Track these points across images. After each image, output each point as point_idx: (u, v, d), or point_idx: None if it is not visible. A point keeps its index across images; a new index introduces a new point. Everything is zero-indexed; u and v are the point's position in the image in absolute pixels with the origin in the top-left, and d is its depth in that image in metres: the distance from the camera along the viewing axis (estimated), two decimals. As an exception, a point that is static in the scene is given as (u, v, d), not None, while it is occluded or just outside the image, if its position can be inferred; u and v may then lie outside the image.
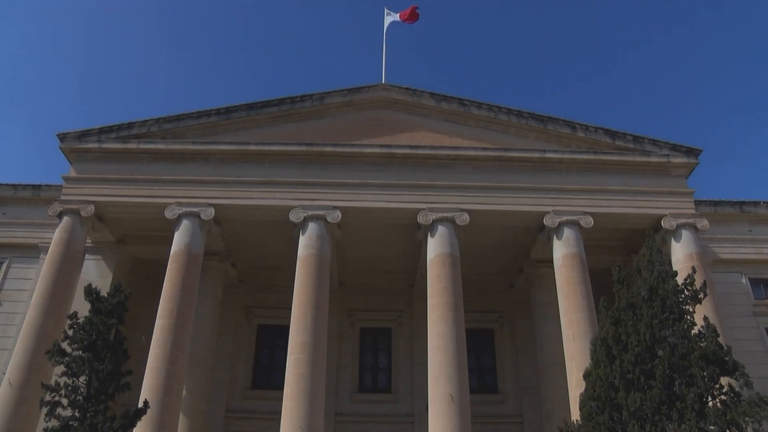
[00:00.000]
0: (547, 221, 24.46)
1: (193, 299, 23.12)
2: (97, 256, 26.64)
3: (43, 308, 22.27)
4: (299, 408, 20.63)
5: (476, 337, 29.42)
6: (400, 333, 30.11)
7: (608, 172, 25.30)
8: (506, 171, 25.39)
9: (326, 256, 23.88)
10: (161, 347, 21.56)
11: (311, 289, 22.80)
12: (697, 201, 26.30)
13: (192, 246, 23.67)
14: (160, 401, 20.44)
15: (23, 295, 26.98)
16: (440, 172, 25.28)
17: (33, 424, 20.31)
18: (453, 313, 22.47)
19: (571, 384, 21.64)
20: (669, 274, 16.65)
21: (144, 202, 24.62)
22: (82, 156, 25.28)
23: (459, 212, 24.37)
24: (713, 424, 14.38)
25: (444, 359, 21.65)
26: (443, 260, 23.59)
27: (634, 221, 25.28)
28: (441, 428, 20.56)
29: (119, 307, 17.11)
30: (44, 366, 20.05)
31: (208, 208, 24.26)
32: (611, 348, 15.94)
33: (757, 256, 29.01)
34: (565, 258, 23.88)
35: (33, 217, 28.46)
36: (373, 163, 25.37)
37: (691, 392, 14.58)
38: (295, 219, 24.22)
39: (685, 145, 25.61)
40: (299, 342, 21.81)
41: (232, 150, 25.18)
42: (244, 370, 29.07)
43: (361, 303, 30.49)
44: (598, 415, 15.36)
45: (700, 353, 14.95)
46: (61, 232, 23.91)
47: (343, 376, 28.85)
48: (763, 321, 27.81)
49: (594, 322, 21.69)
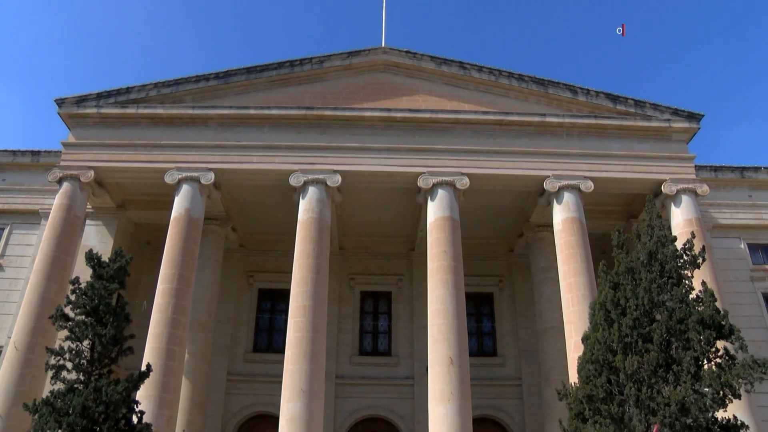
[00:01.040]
0: (547, 185, 24.45)
1: (193, 264, 23.22)
2: (97, 222, 26.67)
3: (45, 274, 22.40)
4: (300, 370, 20.86)
5: (476, 300, 29.68)
6: (400, 296, 30.31)
7: (609, 137, 25.21)
8: (506, 135, 25.28)
9: (326, 220, 23.92)
10: (163, 311, 21.73)
11: (311, 253, 22.88)
12: (697, 166, 26.23)
13: (192, 211, 23.70)
14: (163, 365, 20.69)
15: (25, 260, 27.14)
16: (440, 135, 25.18)
17: (40, 387, 20.58)
18: (453, 277, 22.58)
19: (570, 347, 21.85)
20: (668, 239, 16.70)
21: (143, 167, 24.56)
22: (81, 121, 25.15)
23: (459, 176, 24.34)
24: (708, 386, 14.58)
25: (444, 322, 21.82)
26: (443, 224, 23.64)
27: (635, 186, 25.27)
28: (440, 390, 20.82)
29: (120, 272, 17.17)
30: (48, 330, 20.27)
31: (207, 172, 24.22)
32: (610, 312, 16.06)
33: (756, 221, 29.06)
34: (565, 222, 23.92)
35: (33, 183, 28.52)
36: (372, 126, 25.25)
37: (687, 355, 14.74)
38: (295, 183, 24.20)
39: (687, 110, 25.47)
40: (300, 305, 21.97)
41: (232, 114, 25.06)
42: (245, 334, 29.34)
43: (362, 267, 30.62)
44: (595, 378, 15.53)
45: (698, 317, 15.07)
46: (61, 198, 23.92)
47: (343, 340, 29.13)
48: (760, 286, 28.00)
49: (593, 287, 21.82)
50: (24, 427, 18.61)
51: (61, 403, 15.10)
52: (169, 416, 20.61)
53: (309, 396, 20.50)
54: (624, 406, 14.98)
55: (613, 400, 15.12)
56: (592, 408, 15.33)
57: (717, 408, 14.51)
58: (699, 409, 14.24)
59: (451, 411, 20.37)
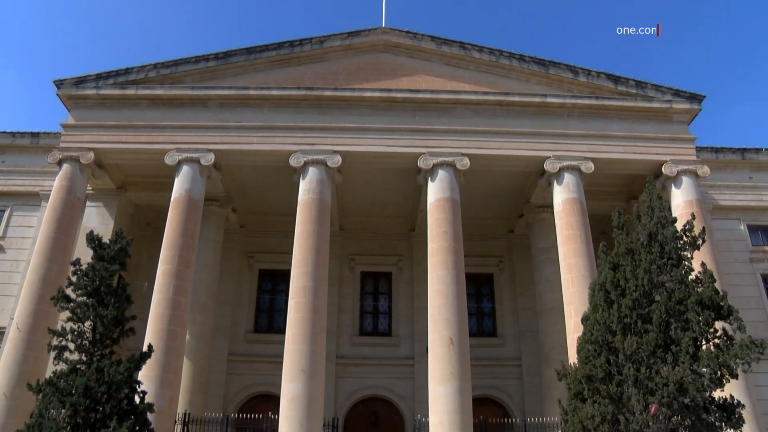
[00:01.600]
0: (548, 166, 24.41)
1: (194, 245, 23.26)
2: (98, 203, 26.68)
3: (46, 255, 22.46)
4: (301, 351, 20.97)
5: (476, 281, 29.76)
6: (401, 277, 30.39)
7: (610, 118, 25.13)
8: (507, 115, 25.21)
9: (327, 200, 23.92)
10: (164, 292, 21.80)
11: (312, 233, 22.91)
12: (698, 147, 26.18)
13: (192, 192, 23.69)
14: (165, 345, 20.79)
15: (26, 242, 27.18)
16: (441, 116, 25.11)
17: (43, 367, 20.73)
18: (453, 257, 22.63)
19: (569, 328, 21.94)
20: (668, 220, 16.73)
21: (143, 148, 24.52)
22: (80, 103, 25.07)
23: (459, 156, 24.30)
24: (706, 366, 14.68)
25: (444, 303, 21.90)
26: (443, 204, 23.64)
27: (635, 167, 25.24)
28: (440, 371, 20.94)
29: (121, 254, 17.23)
30: (50, 311, 20.35)
31: (207, 153, 24.18)
32: (609, 293, 16.12)
33: (756, 203, 29.06)
34: (565, 203, 23.92)
35: (32, 164, 28.46)
36: (373, 107, 25.17)
37: (686, 336, 14.82)
38: (295, 164, 24.18)
39: (688, 91, 25.36)
40: (300, 286, 22.03)
41: (231, 95, 24.97)
42: (246, 314, 29.47)
43: (362, 247, 30.68)
44: (595, 358, 15.62)
45: (697, 298, 15.13)
46: (61, 179, 23.91)
47: (343, 320, 29.25)
48: (759, 267, 28.07)
49: (593, 267, 21.87)
50: (28, 407, 18.78)
51: (64, 383, 15.24)
52: (171, 396, 20.76)
53: (309, 376, 20.62)
54: (623, 386, 15.08)
55: (612, 380, 15.22)
56: (591, 388, 15.44)
57: (714, 388, 14.63)
58: (696, 388, 14.35)
59: (451, 391, 20.50)
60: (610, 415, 14.87)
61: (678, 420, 14.57)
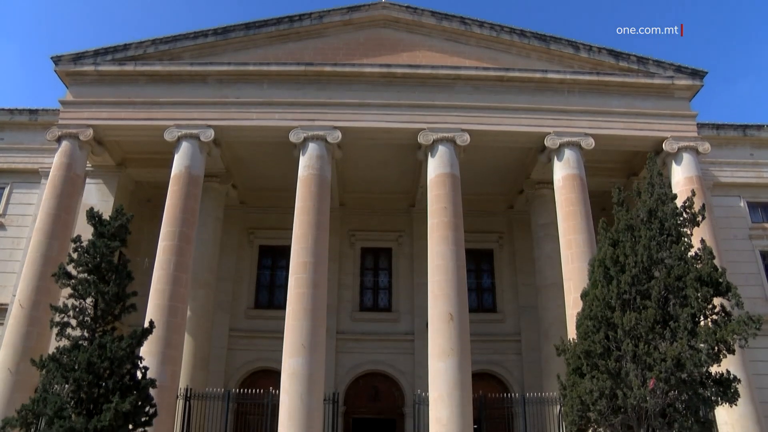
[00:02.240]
0: (548, 142, 24.35)
1: (194, 221, 23.29)
2: (97, 180, 26.67)
3: (47, 232, 22.50)
4: (301, 326, 21.10)
5: (476, 256, 29.81)
6: (401, 253, 30.46)
7: (611, 94, 25.00)
8: (507, 91, 25.09)
9: (327, 176, 23.90)
10: (164, 269, 21.88)
11: (312, 209, 22.92)
12: (699, 124, 26.09)
13: (192, 168, 23.66)
14: (166, 321, 20.92)
15: (26, 219, 27.19)
16: (441, 91, 25.00)
17: (45, 343, 20.89)
18: (453, 233, 22.67)
19: (569, 303, 22.04)
20: (668, 196, 16.72)
21: (143, 124, 24.45)
22: (78, 79, 24.94)
23: (459, 132, 24.23)
24: (703, 342, 14.77)
25: (444, 279, 21.97)
26: (443, 180, 23.63)
27: (636, 143, 25.19)
28: (440, 346, 21.08)
29: (122, 230, 17.22)
30: (52, 288, 20.41)
31: (207, 129, 24.11)
32: (609, 269, 16.16)
33: (757, 180, 29.03)
34: (566, 179, 23.91)
35: (31, 142, 28.35)
36: (372, 82, 25.05)
37: (684, 312, 14.89)
38: (295, 139, 24.12)
39: (690, 67, 25.20)
40: (300, 262, 22.10)
41: (230, 71, 24.83)
42: (247, 290, 29.60)
43: (362, 223, 30.71)
44: (593, 334, 15.70)
45: (696, 275, 15.19)
46: (60, 156, 23.86)
47: (344, 295, 29.38)
48: (758, 244, 28.11)
49: (592, 244, 21.92)
50: (33, 382, 18.94)
51: (67, 358, 15.34)
52: (173, 372, 20.93)
53: (310, 351, 20.77)
54: (621, 361, 15.19)
55: (611, 355, 15.33)
56: (590, 363, 15.55)
57: (711, 363, 14.74)
58: (694, 364, 14.45)
59: (450, 366, 20.67)
60: (608, 390, 15.00)
61: (675, 395, 14.72)
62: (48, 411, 14.79)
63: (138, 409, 15.71)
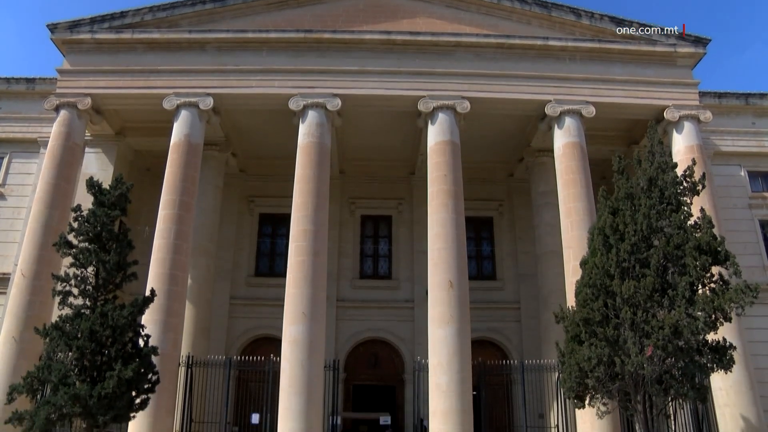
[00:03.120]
0: (549, 110, 24.23)
1: (194, 189, 23.27)
2: (97, 149, 26.61)
3: (47, 202, 22.52)
4: (301, 294, 21.22)
5: (475, 224, 29.84)
6: (401, 220, 30.50)
7: (612, 61, 24.77)
8: (508, 58, 24.88)
9: (326, 144, 23.82)
10: (165, 237, 21.93)
11: (312, 177, 22.89)
12: (701, 92, 25.92)
13: (191, 136, 23.58)
14: (167, 290, 21.02)
15: (26, 189, 27.19)
16: (441, 59, 24.79)
17: (48, 312, 21.02)
18: (453, 201, 22.68)
19: (568, 271, 22.14)
20: (669, 165, 16.74)
21: (141, 93, 24.29)
22: (75, 47, 24.71)
23: (460, 100, 24.10)
24: (701, 310, 14.91)
25: (443, 246, 22.04)
26: (443, 148, 23.56)
27: (637, 112, 25.04)
28: (440, 313, 21.23)
29: (122, 199, 17.25)
30: (53, 257, 20.49)
31: (206, 97, 23.97)
32: (608, 237, 16.25)
33: (758, 149, 28.94)
34: (566, 147, 23.84)
35: (29, 111, 28.20)
36: (372, 49, 24.83)
37: (682, 280, 15.00)
38: (295, 107, 24.00)
39: (693, 35, 24.89)
40: (300, 230, 22.15)
41: (229, 38, 24.60)
42: (247, 258, 29.70)
43: (362, 191, 30.69)
44: (592, 302, 15.84)
45: (695, 243, 15.27)
46: (59, 125, 23.76)
47: (344, 263, 29.49)
48: (758, 213, 28.17)
49: (592, 212, 21.93)
50: (37, 350, 19.11)
51: (70, 327, 15.49)
52: (174, 339, 21.10)
53: (310, 319, 20.92)
54: (619, 329, 15.34)
55: (609, 323, 15.48)
56: (588, 331, 15.71)
57: (708, 331, 14.90)
58: (691, 331, 14.61)
59: (450, 333, 20.82)
60: (606, 357, 15.18)
61: (672, 362, 14.89)
62: (53, 378, 14.99)
63: (140, 377, 15.92)
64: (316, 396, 20.36)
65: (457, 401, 20.05)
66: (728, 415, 21.10)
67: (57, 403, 14.70)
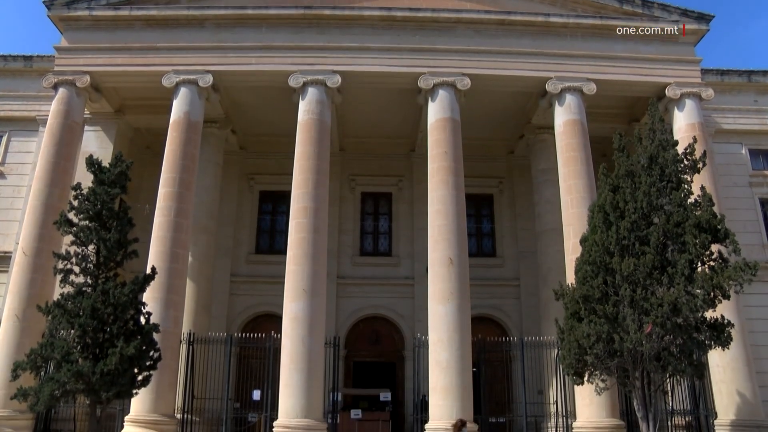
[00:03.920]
0: (550, 87, 24.13)
1: (194, 167, 23.25)
2: (96, 128, 26.51)
3: (47, 180, 22.51)
4: (302, 271, 21.29)
5: (476, 201, 29.82)
6: (401, 197, 30.50)
7: (614, 38, 24.56)
8: (509, 35, 24.70)
9: (326, 121, 23.75)
10: (165, 215, 21.96)
11: (312, 154, 22.85)
12: (703, 70, 25.75)
13: (191, 114, 23.50)
14: (168, 267, 21.09)
15: (26, 168, 27.15)
16: (442, 35, 24.61)
17: (50, 290, 21.09)
18: (453, 178, 22.67)
19: (568, 249, 22.19)
20: (669, 143, 16.72)
21: (140, 70, 24.15)
22: (73, 24, 24.49)
23: (460, 76, 23.98)
24: (700, 288, 14.98)
25: (444, 223, 22.08)
26: (444, 125, 23.50)
27: (638, 89, 24.92)
28: (440, 290, 21.32)
29: (121, 177, 17.25)
30: (54, 236, 20.47)
31: (205, 75, 23.85)
32: (608, 214, 16.28)
33: (760, 126, 28.80)
34: (566, 124, 23.77)
35: (27, 89, 28.05)
36: (372, 26, 24.64)
37: (682, 258, 15.05)
38: (295, 84, 23.88)
39: (696, 11, 24.67)
40: (301, 207, 22.16)
41: (228, 15, 24.38)
42: (248, 236, 29.74)
43: (362, 168, 30.64)
44: (592, 279, 15.91)
45: (694, 221, 15.29)
46: (57, 103, 23.66)
47: (344, 240, 29.54)
48: (758, 191, 28.14)
49: (593, 189, 21.93)
50: (39, 327, 19.22)
51: (72, 305, 15.58)
52: (176, 317, 21.23)
53: (311, 296, 21.01)
54: (618, 306, 15.43)
55: (609, 300, 15.56)
56: (588, 308, 15.79)
57: (707, 308, 15.00)
58: (690, 309, 14.70)
59: (450, 310, 20.93)
60: (605, 334, 15.27)
61: (670, 339, 14.99)
62: (56, 355, 15.11)
63: (142, 354, 16.05)
64: (317, 372, 20.51)
65: (456, 377, 20.21)
66: (724, 391, 21.30)
67: (60, 379, 14.85)
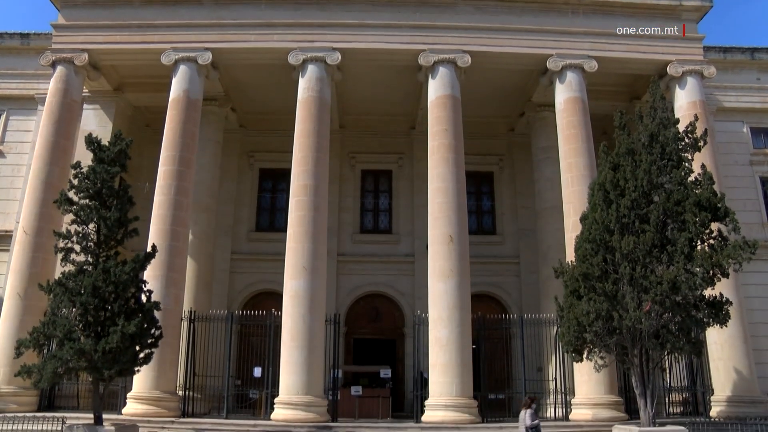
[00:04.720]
0: (550, 64, 23.99)
1: (194, 145, 23.22)
2: (95, 106, 26.41)
3: (47, 159, 22.50)
4: (302, 248, 21.36)
5: (476, 179, 29.79)
6: (401, 175, 30.47)
7: (615, 15, 24.33)
8: (510, 12, 24.50)
9: (326, 98, 23.66)
10: (165, 194, 21.98)
11: (312, 131, 22.80)
12: (706, 47, 25.51)
13: (190, 92, 23.41)
14: (168, 245, 21.18)
15: (25, 147, 27.13)
16: (442, 12, 24.43)
17: (51, 269, 21.21)
18: (453, 155, 22.64)
19: (568, 227, 22.21)
20: (670, 121, 16.69)
21: (139, 48, 24.01)
22: (70, 2, 24.28)
23: (461, 54, 23.84)
24: (699, 266, 15.03)
25: (444, 200, 22.10)
26: (444, 102, 23.42)
27: (639, 67, 24.77)
28: (440, 267, 21.39)
29: (121, 156, 17.24)
30: (54, 214, 20.50)
31: (205, 52, 23.72)
32: (609, 192, 16.30)
33: (762, 105, 28.67)
34: (567, 102, 23.69)
35: (25, 67, 27.95)
36: (373, 3, 24.42)
37: (682, 236, 15.09)
38: (294, 61, 23.76)
39: (699, -12, 24.55)
40: (301, 184, 22.16)
41: (227, -9, 24.24)
42: (248, 214, 29.75)
43: (362, 145, 30.57)
44: (592, 257, 15.96)
45: (695, 200, 15.31)
46: (56, 82, 23.57)
47: (344, 218, 29.57)
48: (759, 170, 28.12)
49: (593, 167, 21.92)
50: (41, 306, 19.34)
51: (73, 283, 15.64)
52: (176, 295, 21.34)
53: (311, 273, 21.10)
54: (618, 284, 15.50)
55: (608, 278, 15.62)
56: (587, 285, 15.86)
57: (706, 286, 15.07)
58: (689, 287, 14.77)
59: (450, 287, 21.03)
60: (604, 312, 15.36)
61: (669, 317, 15.07)
62: (58, 333, 15.21)
63: (144, 331, 16.14)
64: (317, 349, 20.65)
65: (456, 354, 20.36)
66: (722, 368, 21.47)
67: (63, 357, 14.95)
